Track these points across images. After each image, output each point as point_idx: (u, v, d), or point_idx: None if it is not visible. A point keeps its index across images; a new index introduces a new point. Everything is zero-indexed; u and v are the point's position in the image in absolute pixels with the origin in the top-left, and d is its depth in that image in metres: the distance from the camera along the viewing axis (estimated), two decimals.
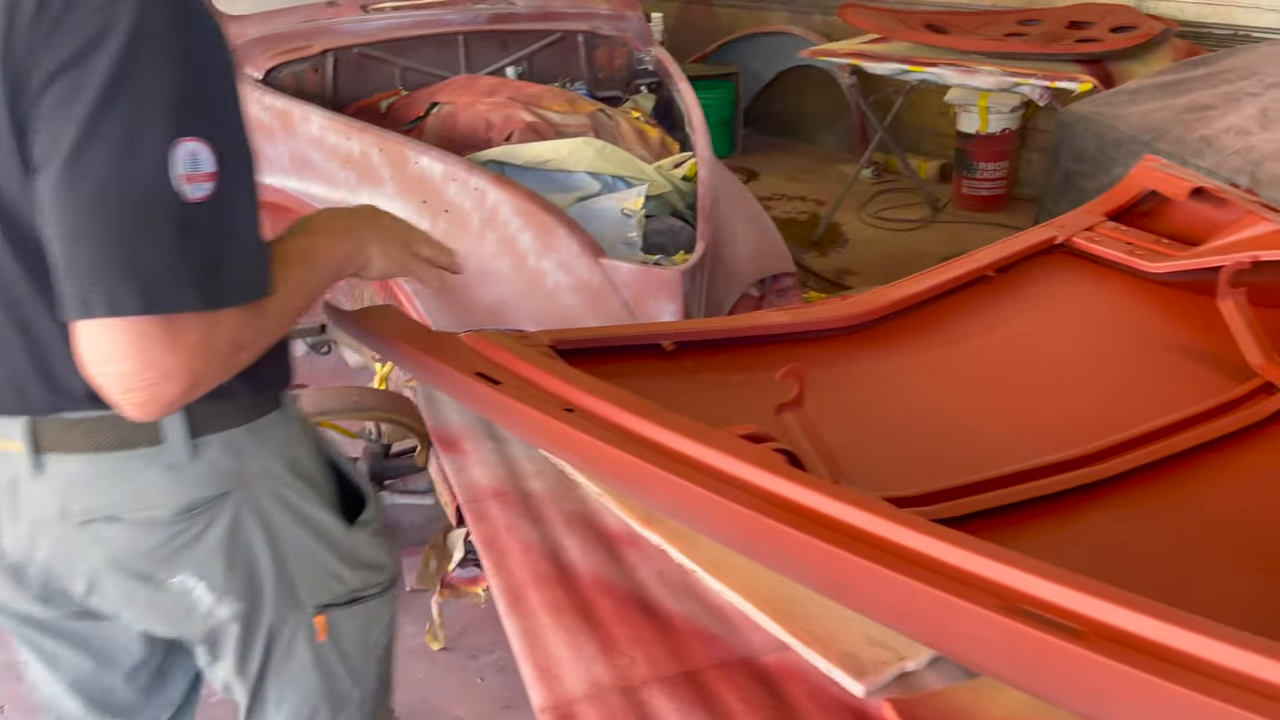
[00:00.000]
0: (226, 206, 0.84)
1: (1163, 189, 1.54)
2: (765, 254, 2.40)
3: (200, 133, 0.82)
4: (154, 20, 0.80)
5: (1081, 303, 1.40)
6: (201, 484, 1.01)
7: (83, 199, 0.79)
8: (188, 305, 0.82)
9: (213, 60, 0.85)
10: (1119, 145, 2.64)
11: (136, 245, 0.80)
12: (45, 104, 0.80)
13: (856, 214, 5.07)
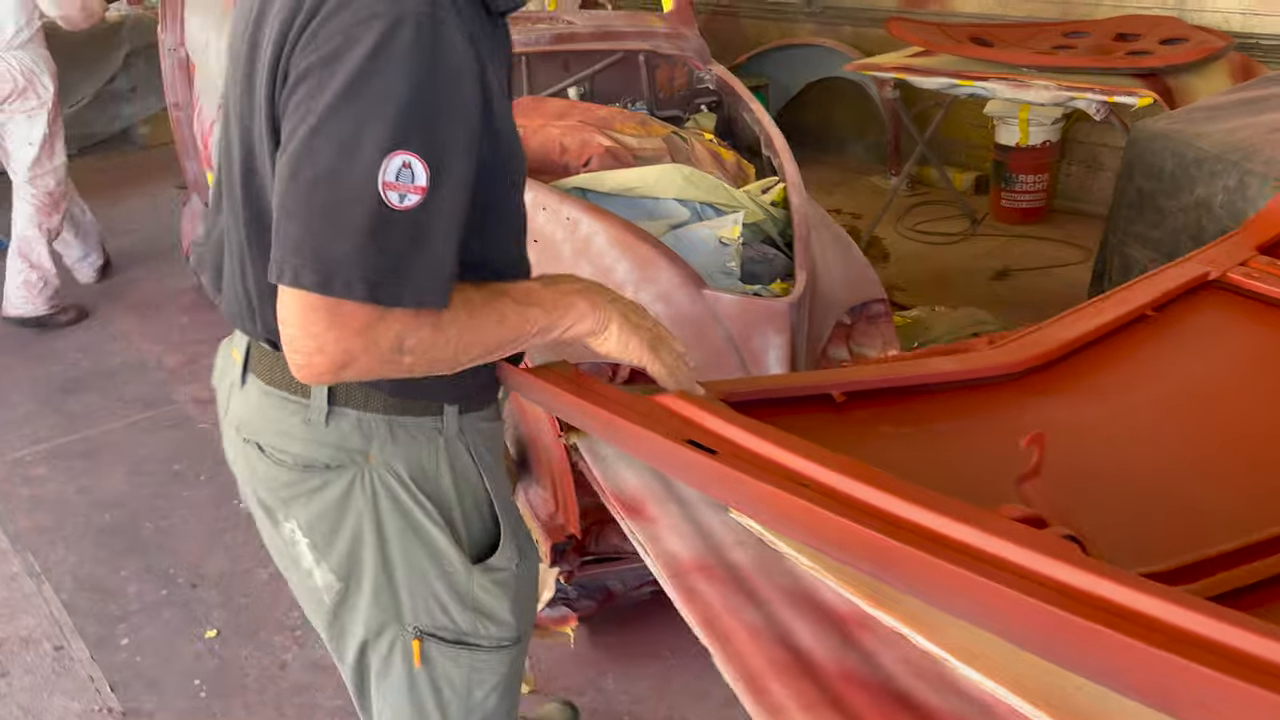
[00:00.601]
0: (428, 219, 0.93)
1: None
2: (855, 280, 2.35)
3: (417, 148, 0.91)
4: (398, 40, 0.89)
5: (1255, 344, 1.35)
6: (326, 448, 1.13)
7: (301, 183, 0.91)
8: (355, 295, 0.91)
9: (449, 85, 0.93)
10: (1200, 164, 2.59)
11: (331, 234, 0.91)
12: (296, 95, 0.93)
13: (894, 227, 5.02)
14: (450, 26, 0.93)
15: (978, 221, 5.01)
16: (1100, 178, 5.04)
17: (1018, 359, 1.30)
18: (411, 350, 0.97)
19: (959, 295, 4.22)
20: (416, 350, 0.97)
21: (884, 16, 5.46)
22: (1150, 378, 1.29)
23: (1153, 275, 1.51)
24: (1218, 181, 2.52)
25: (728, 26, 6.48)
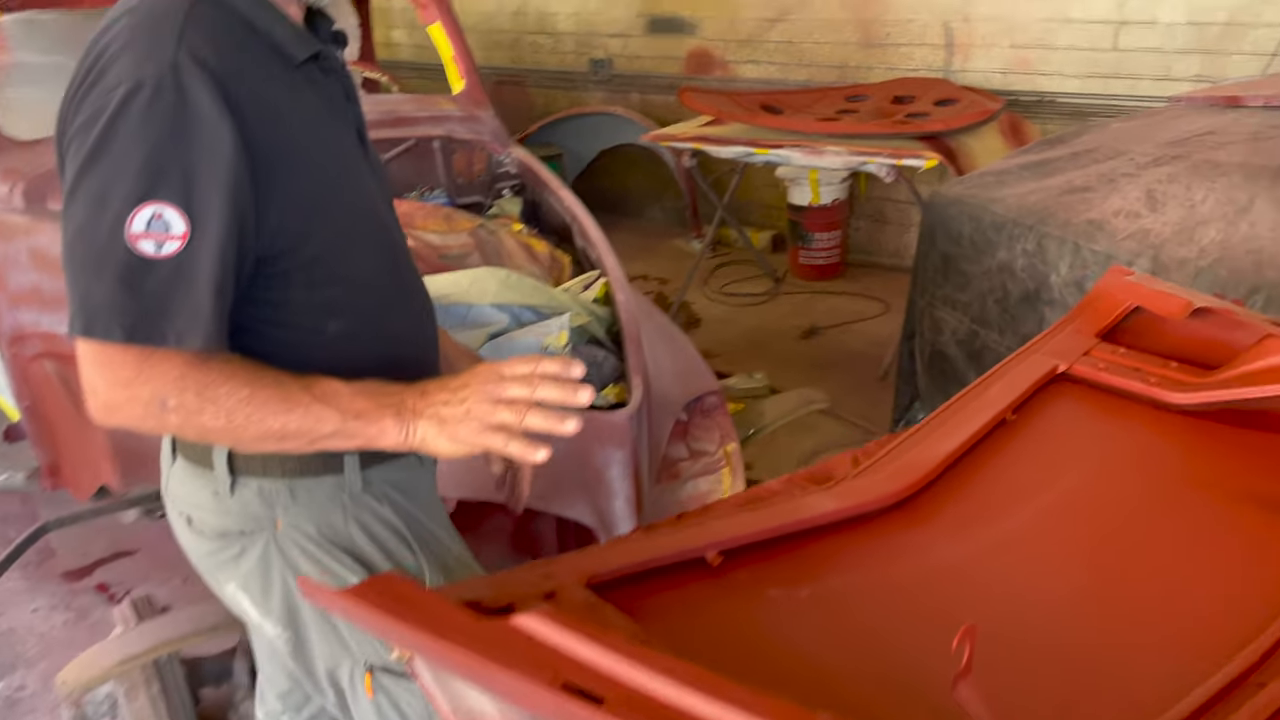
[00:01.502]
0: (191, 263, 0.99)
1: (1152, 306, 1.49)
2: (688, 374, 2.24)
3: (168, 198, 0.98)
4: (136, 103, 0.97)
5: (1119, 446, 1.31)
6: (235, 517, 1.18)
7: (66, 241, 1.01)
8: (113, 337, 0.98)
9: (197, 138, 0.99)
10: (998, 229, 2.66)
11: (90, 283, 0.99)
12: (65, 162, 1.03)
13: (701, 291, 5.02)
14: (195, 87, 0.98)
15: (780, 280, 5.09)
16: (888, 231, 5.25)
17: (892, 489, 1.20)
18: (174, 410, 1.01)
19: (772, 357, 4.24)
20: (178, 411, 1.01)
21: (671, 83, 5.52)
22: (1029, 493, 1.22)
23: (1002, 371, 1.46)
24: (1017, 245, 2.59)
25: (515, 96, 6.39)
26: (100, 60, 1.01)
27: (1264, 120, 2.46)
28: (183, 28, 1.00)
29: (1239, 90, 2.72)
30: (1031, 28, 4.44)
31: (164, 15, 1.02)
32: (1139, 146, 2.56)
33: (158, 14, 1.02)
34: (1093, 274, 2.35)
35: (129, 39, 1.01)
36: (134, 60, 0.99)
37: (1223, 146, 2.36)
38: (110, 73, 0.99)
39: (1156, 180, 2.36)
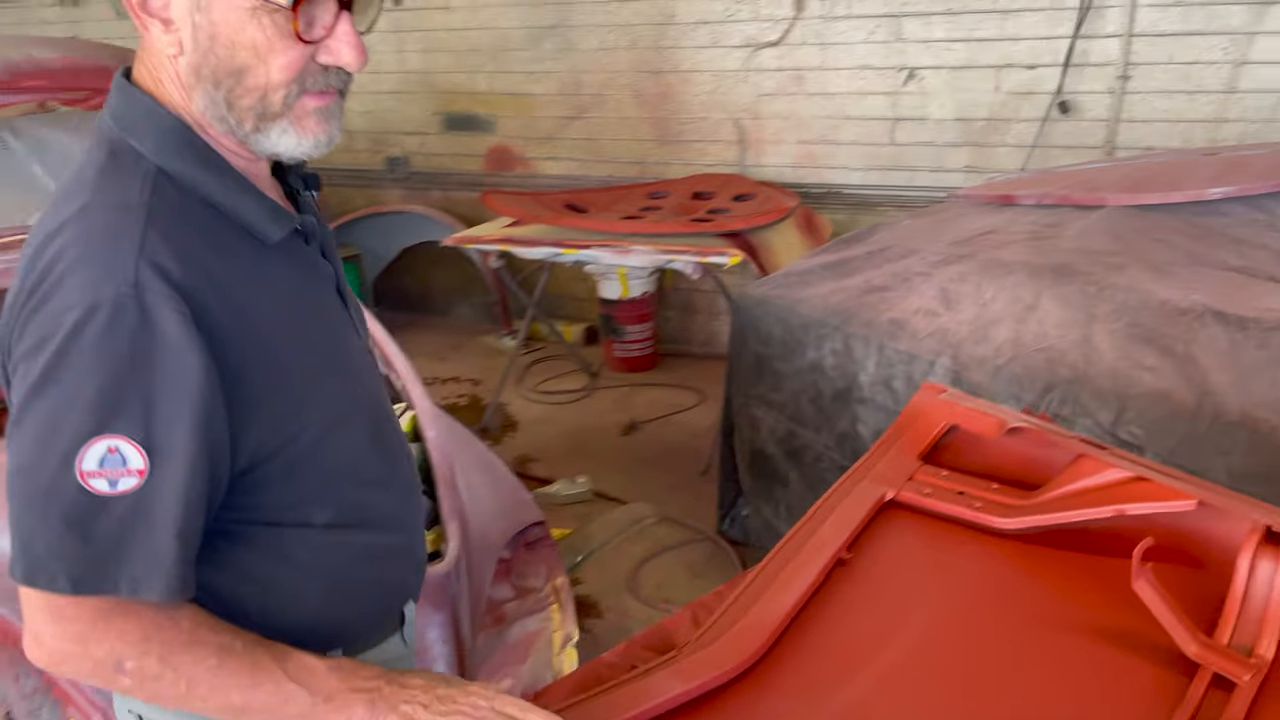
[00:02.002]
0: (149, 502, 0.88)
1: (968, 425, 1.50)
2: (509, 508, 2.11)
3: (124, 431, 0.87)
4: (91, 327, 0.86)
5: (956, 579, 1.29)
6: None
7: (9, 476, 0.89)
8: (59, 587, 0.87)
9: (158, 362, 0.88)
10: (806, 329, 2.71)
11: (34, 525, 0.88)
12: (10, 387, 0.92)
13: (517, 390, 4.90)
14: (158, 306, 0.87)
15: (596, 374, 5.05)
16: (697, 319, 5.33)
17: (737, 658, 1.12)
18: (131, 674, 0.91)
19: (594, 456, 4.16)
20: (135, 675, 0.91)
21: (472, 180, 5.45)
22: (876, 642, 1.17)
23: (831, 503, 1.42)
24: (825, 345, 2.63)
25: None
26: (49, 274, 0.89)
27: (1038, 219, 2.62)
28: (143, 233, 0.89)
29: (1010, 189, 2.90)
30: (816, 125, 4.67)
31: (121, 218, 0.90)
32: (929, 245, 2.68)
33: (113, 217, 0.90)
34: (899, 372, 2.41)
35: (83, 250, 0.89)
36: (89, 278, 0.87)
37: (1005, 245, 2.50)
38: (61, 291, 0.88)
39: (949, 279, 2.45)
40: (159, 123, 0.97)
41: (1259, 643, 1.05)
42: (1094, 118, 4.13)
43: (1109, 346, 2.03)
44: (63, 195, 0.96)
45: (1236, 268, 2.13)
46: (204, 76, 0.95)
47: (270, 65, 0.94)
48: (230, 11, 0.92)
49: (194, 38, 0.94)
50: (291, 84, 0.95)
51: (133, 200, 0.92)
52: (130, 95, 0.99)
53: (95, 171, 0.95)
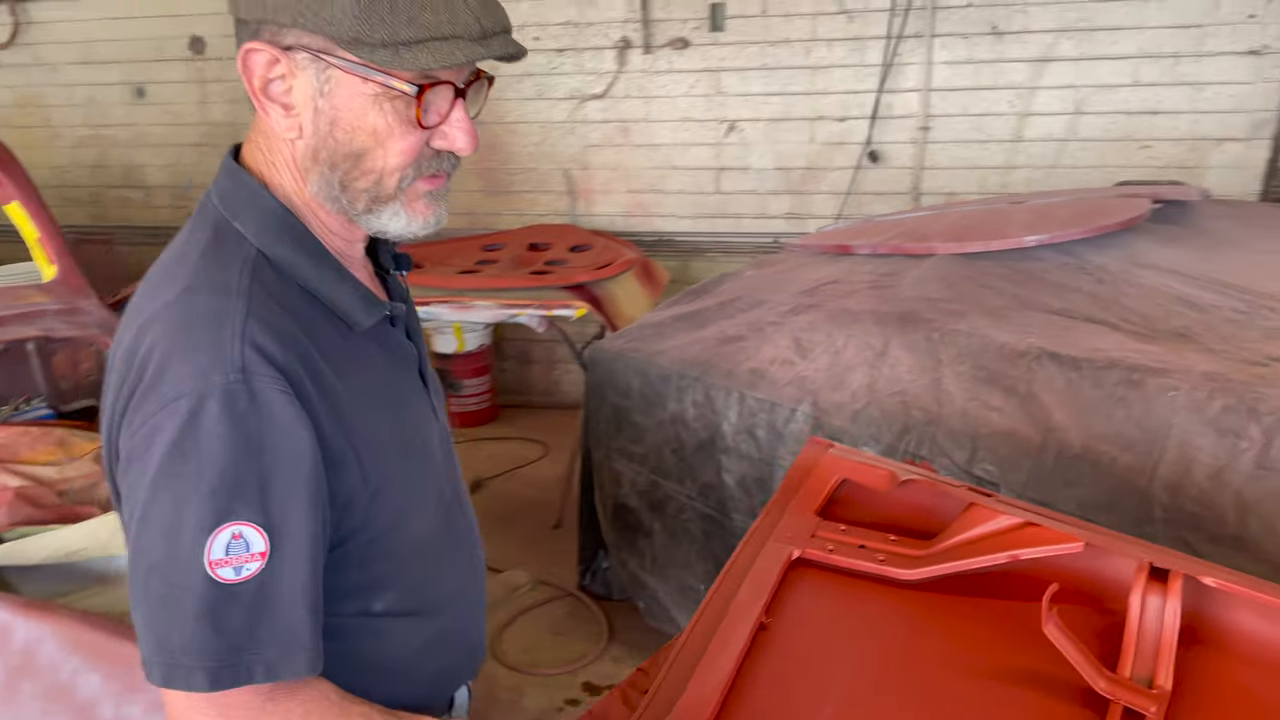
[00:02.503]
0: (272, 584, 0.89)
1: (859, 479, 1.56)
2: None
3: (247, 517, 0.88)
4: (205, 418, 0.87)
5: (868, 632, 1.33)
6: None
7: (138, 575, 0.90)
8: (195, 686, 0.87)
9: (272, 446, 0.89)
10: (665, 381, 2.74)
11: (168, 624, 0.88)
12: (127, 480, 0.92)
13: None
14: (266, 391, 0.90)
15: None
16: (535, 369, 5.30)
17: None
18: None
19: None
20: None
21: None
22: (813, 706, 1.19)
23: (741, 565, 1.44)
24: (686, 396, 2.68)
25: (101, 256, 5.70)
26: (151, 359, 0.90)
27: (875, 268, 2.78)
28: (245, 317, 0.91)
29: (844, 239, 3.07)
30: (644, 175, 4.77)
31: (223, 303, 0.92)
32: (776, 296, 2.78)
33: (214, 300, 0.92)
34: (761, 421, 2.48)
35: (187, 336, 0.90)
36: (197, 365, 0.89)
37: (850, 294, 2.63)
38: (168, 379, 0.89)
39: (800, 328, 2.56)
40: (262, 205, 1.00)
41: (1157, 674, 1.14)
42: (900, 165, 4.43)
43: (958, 389, 2.17)
44: (163, 275, 0.97)
45: (1059, 310, 2.32)
46: (321, 159, 0.98)
47: (389, 150, 0.97)
48: (354, 98, 0.95)
49: (314, 122, 0.97)
50: (407, 168, 0.99)
51: (233, 284, 0.94)
52: (237, 178, 1.02)
53: (199, 254, 0.97)
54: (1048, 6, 4.09)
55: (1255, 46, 3.90)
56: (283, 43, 0.94)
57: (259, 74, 0.96)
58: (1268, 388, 1.80)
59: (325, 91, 0.95)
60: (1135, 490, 1.85)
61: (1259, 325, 2.23)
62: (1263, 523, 1.70)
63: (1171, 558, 1.25)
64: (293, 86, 0.96)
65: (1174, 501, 1.80)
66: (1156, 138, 4.10)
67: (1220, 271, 2.53)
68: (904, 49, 4.27)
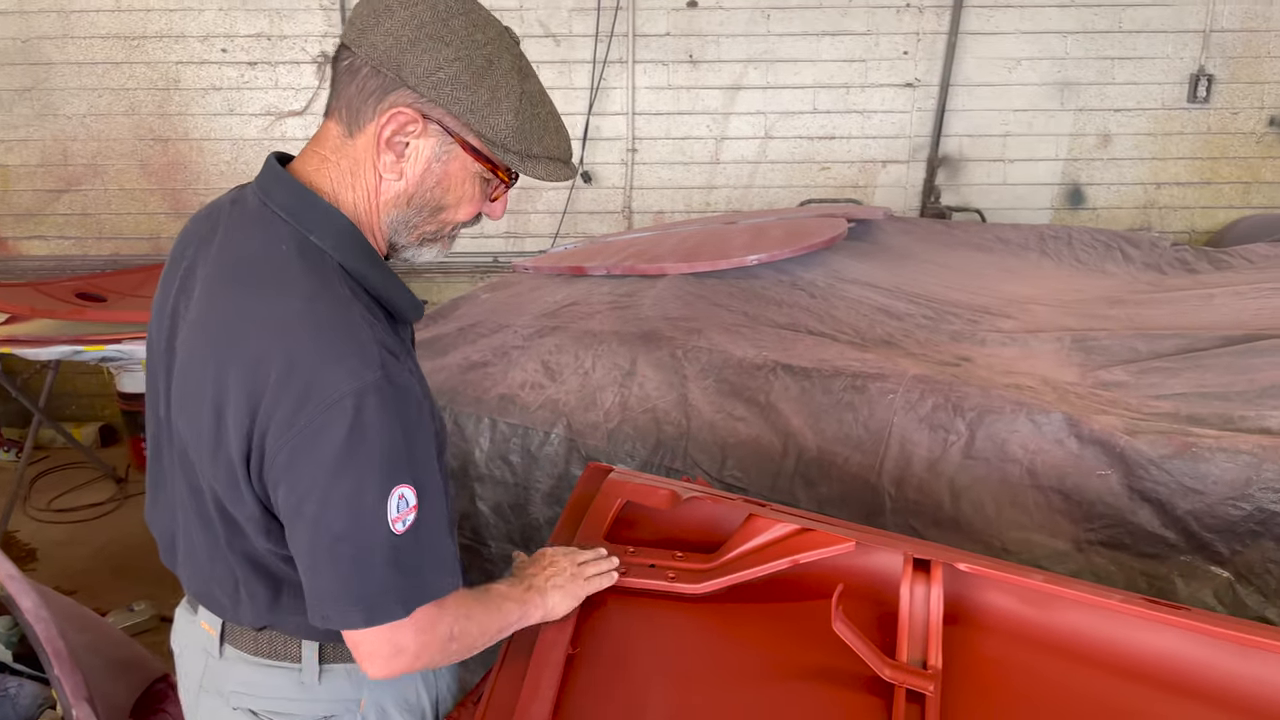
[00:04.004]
0: (426, 527, 1.14)
1: (642, 500, 1.61)
2: (126, 667, 1.82)
3: (405, 480, 1.11)
4: (368, 410, 1.06)
5: (667, 648, 1.36)
6: (321, 703, 1.32)
7: (323, 546, 1.10)
8: (396, 616, 1.13)
9: (415, 421, 1.13)
10: None
11: (363, 578, 1.11)
12: (293, 473, 1.09)
13: (22, 512, 4.14)
14: (399, 373, 1.10)
15: (124, 480, 4.45)
16: None
17: None
18: (457, 638, 1.21)
19: (144, 577, 3.68)
20: (460, 638, 1.22)
21: None
22: None
23: None
24: None
25: None
26: (294, 369, 1.06)
27: (611, 289, 2.87)
28: (370, 326, 1.11)
29: (576, 260, 3.14)
30: None
31: (346, 312, 1.11)
32: (517, 320, 2.80)
33: (340, 310, 1.11)
34: (515, 446, 2.49)
35: (328, 347, 1.07)
36: (349, 368, 1.06)
37: (591, 315, 2.70)
38: (325, 381, 1.05)
39: (547, 351, 2.59)
40: (335, 224, 1.17)
41: (929, 655, 1.29)
42: (612, 185, 4.60)
43: (704, 402, 2.30)
44: (261, 284, 1.12)
45: (784, 325, 2.53)
46: (411, 202, 1.20)
47: (459, 210, 1.23)
48: (462, 170, 1.19)
49: (422, 175, 1.19)
50: (462, 224, 1.26)
51: (344, 294, 1.13)
52: (301, 193, 1.18)
53: (296, 265, 1.13)
54: (736, 39, 4.42)
55: (909, 80, 4.45)
56: (429, 114, 1.15)
57: (393, 127, 1.15)
58: (967, 386, 2.07)
59: (442, 158, 1.18)
60: (867, 485, 2.06)
61: (945, 330, 2.55)
62: (972, 505, 1.95)
63: (931, 549, 1.41)
64: (415, 144, 1.17)
65: (900, 492, 2.02)
66: (834, 160, 4.56)
67: (907, 283, 2.86)
68: (609, 74, 4.44)
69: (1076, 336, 2.40)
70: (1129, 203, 4.51)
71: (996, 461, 1.97)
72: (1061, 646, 1.29)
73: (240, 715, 1.31)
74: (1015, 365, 2.32)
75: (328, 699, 1.31)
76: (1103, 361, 2.29)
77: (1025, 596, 1.34)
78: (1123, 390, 2.15)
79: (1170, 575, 1.78)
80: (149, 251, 4.65)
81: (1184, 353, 2.24)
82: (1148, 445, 1.83)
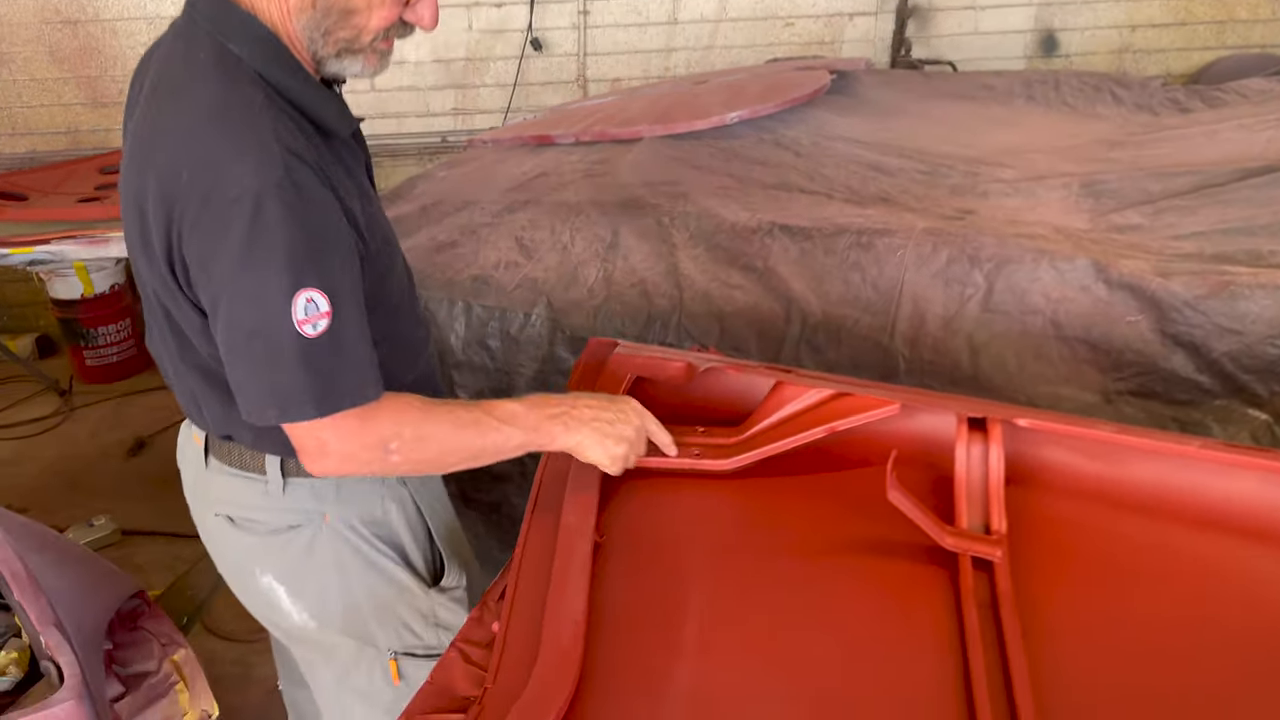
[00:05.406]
0: (340, 334, 1.13)
1: (654, 374, 1.47)
2: (96, 585, 1.68)
3: (313, 283, 1.10)
4: (266, 209, 1.06)
5: (703, 531, 1.25)
6: (288, 512, 1.38)
7: (238, 343, 1.13)
8: (307, 415, 1.13)
9: (321, 224, 1.12)
10: None
11: (274, 375, 1.12)
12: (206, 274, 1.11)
13: None
14: (307, 178, 1.10)
15: (68, 392, 4.22)
16: None
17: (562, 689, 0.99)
18: (398, 450, 1.19)
19: (102, 490, 3.51)
20: (400, 450, 1.19)
21: None
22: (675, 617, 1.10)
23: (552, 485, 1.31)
24: None
25: None
26: (201, 167, 1.08)
27: (583, 156, 2.66)
28: (275, 127, 1.10)
29: (540, 129, 2.91)
30: None
31: (256, 116, 1.10)
32: (484, 195, 2.59)
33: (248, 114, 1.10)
34: (493, 330, 2.33)
35: (234, 144, 1.08)
36: (249, 167, 1.07)
37: (564, 186, 2.50)
38: (227, 181, 1.07)
39: (520, 227, 2.40)
40: (252, 31, 1.16)
41: (991, 520, 1.19)
42: (564, 53, 4.32)
43: (696, 271, 2.14)
44: (179, 92, 1.14)
45: (773, 185, 2.36)
46: (318, 7, 1.16)
47: (374, 15, 1.17)
48: None
49: None
50: (380, 31, 1.19)
51: (255, 100, 1.11)
52: (224, 5, 1.16)
53: (212, 73, 1.13)
54: None
55: None
56: None
57: None
58: (983, 236, 1.94)
59: None
60: (878, 348, 1.94)
61: (943, 184, 2.41)
62: (993, 361, 1.85)
63: (984, 406, 1.29)
64: None
65: (914, 354, 1.90)
66: (798, 14, 4.31)
67: (896, 139, 2.69)
68: None
69: (1084, 181, 2.27)
70: (1103, 48, 4.34)
71: (1017, 314, 1.85)
72: (1135, 501, 1.19)
73: (220, 521, 1.41)
74: (1021, 216, 2.19)
75: (292, 509, 1.37)
76: (1114, 205, 2.16)
77: (1091, 450, 1.23)
78: (1140, 233, 2.03)
79: (1205, 421, 1.69)
80: (68, 147, 4.30)
81: (1200, 189, 2.12)
82: (1181, 286, 1.72)
